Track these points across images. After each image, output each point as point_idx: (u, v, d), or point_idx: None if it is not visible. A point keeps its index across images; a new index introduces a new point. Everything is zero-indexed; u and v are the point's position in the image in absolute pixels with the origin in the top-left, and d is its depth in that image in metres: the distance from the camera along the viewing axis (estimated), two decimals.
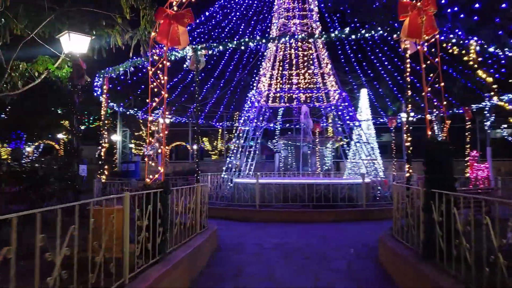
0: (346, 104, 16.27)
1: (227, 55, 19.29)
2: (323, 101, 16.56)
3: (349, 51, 21.44)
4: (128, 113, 21.11)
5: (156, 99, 5.97)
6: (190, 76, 19.48)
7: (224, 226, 11.10)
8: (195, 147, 49.30)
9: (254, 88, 15.78)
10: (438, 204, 4.89)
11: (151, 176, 5.79)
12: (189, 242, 6.68)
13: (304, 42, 16.59)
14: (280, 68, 16.63)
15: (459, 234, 4.38)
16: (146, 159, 5.97)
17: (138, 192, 5.33)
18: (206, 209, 8.51)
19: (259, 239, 9.10)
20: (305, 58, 16.89)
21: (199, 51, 8.68)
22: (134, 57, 10.58)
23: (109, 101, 15.80)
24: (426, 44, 5.83)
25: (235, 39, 11.22)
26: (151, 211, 5.31)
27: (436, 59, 5.59)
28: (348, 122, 16.49)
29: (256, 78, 16.04)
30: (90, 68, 13.21)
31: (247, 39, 8.53)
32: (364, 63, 24.11)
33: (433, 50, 6.04)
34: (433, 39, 5.72)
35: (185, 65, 9.91)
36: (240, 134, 15.07)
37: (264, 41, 8.22)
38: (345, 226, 10.84)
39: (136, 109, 22.37)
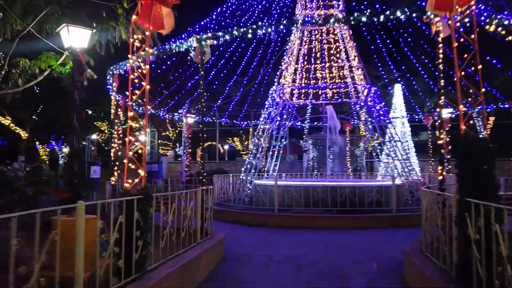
0: (376, 99, 15.01)
1: (249, 50, 18.52)
2: (351, 97, 15.39)
3: (380, 44, 20.08)
4: (149, 112, 20.75)
5: (137, 91, 5.22)
6: (212, 74, 18.95)
7: (239, 231, 10.31)
8: (226, 147, 49.02)
9: (275, 83, 14.85)
10: (475, 218, 3.83)
11: (130, 181, 5.04)
12: (183, 255, 5.89)
13: (329, 34, 15.49)
14: (305, 61, 15.58)
15: (503, 259, 3.32)
16: (125, 160, 5.22)
17: (114, 199, 4.59)
18: (210, 215, 7.71)
19: (271, 249, 8.21)
20: (331, 51, 15.77)
21: (204, 41, 7.91)
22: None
23: (126, 100, 15.36)
24: (458, 18, 4.73)
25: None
26: (127, 222, 4.58)
27: (472, 36, 4.49)
28: (379, 119, 15.22)
29: (277, 73, 15.07)
30: (100, 64, 12.78)
31: (254, 26, 7.68)
32: (397, 57, 22.59)
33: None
34: (467, 11, 4.63)
35: (189, 57, 9.15)
36: (260, 133, 14.20)
37: (273, 28, 7.31)
38: (371, 234, 9.73)
39: (162, 109, 21.99)
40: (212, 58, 18.27)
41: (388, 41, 21.19)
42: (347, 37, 15.49)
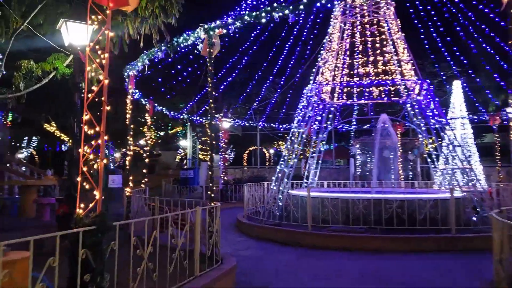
0: (429, 97, 12.93)
1: (286, 48, 17.09)
2: (401, 95, 13.44)
3: (435, 36, 17.84)
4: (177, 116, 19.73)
5: (94, 88, 4.03)
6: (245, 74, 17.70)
7: (264, 252, 8.90)
8: (272, 151, 47.75)
9: (311, 82, 13.25)
10: None
11: (82, 205, 3.82)
12: None
13: (374, 25, 13.67)
14: (347, 56, 13.86)
15: None
16: (79, 178, 4.01)
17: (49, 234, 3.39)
18: (216, 240, 6.36)
19: (294, 279, 6.73)
20: (376, 44, 13.92)
21: (212, 31, 6.66)
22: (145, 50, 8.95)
23: (156, 104, 14.53)
24: None
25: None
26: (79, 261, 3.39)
27: None
28: (433, 120, 13.13)
29: (314, 69, 13.47)
30: (116, 67, 11.89)
31: (269, 8, 6.32)
32: (456, 50, 20.11)
33: None
34: None
35: (196, 51, 7.94)
36: (293, 138, 12.69)
37: (292, 8, 5.94)
38: (424, 261, 7.90)
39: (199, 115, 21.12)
40: (246, 57, 17.09)
41: (444, 32, 18.87)
42: (394, 27, 13.57)
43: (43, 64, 8.27)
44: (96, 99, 4.21)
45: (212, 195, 6.98)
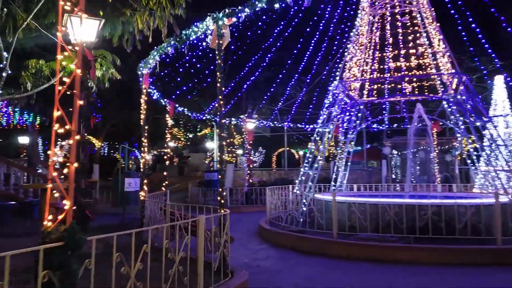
0: (468, 92, 11.75)
1: (312, 44, 16.25)
2: (437, 91, 12.35)
3: (474, 26, 16.47)
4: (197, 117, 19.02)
5: (60, 88, 3.47)
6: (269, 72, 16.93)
7: (284, 263, 8.18)
8: (301, 152, 46.72)
9: (337, 78, 12.36)
10: None
11: (50, 217, 3.26)
12: None
13: (406, 15, 12.65)
14: (376, 50, 12.90)
15: None
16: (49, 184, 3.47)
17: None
18: (224, 251, 5.71)
19: None
20: (409, 37, 12.90)
21: (221, 20, 6.04)
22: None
23: (177, 105, 14.11)
24: None
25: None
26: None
27: None
28: (473, 117, 11.95)
29: (340, 65, 12.58)
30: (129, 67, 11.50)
31: None
32: (498, 42, 18.60)
33: None
34: None
35: (205, 43, 7.34)
36: (317, 138, 11.86)
37: None
38: (466, 279, 6.94)
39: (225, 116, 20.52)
40: (269, 55, 16.39)
41: (483, 21, 17.44)
42: (428, 17, 12.50)
43: (52, 64, 7.93)
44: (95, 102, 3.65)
45: (222, 201, 6.35)
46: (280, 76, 17.59)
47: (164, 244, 4.33)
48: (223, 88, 6.74)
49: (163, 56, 8.30)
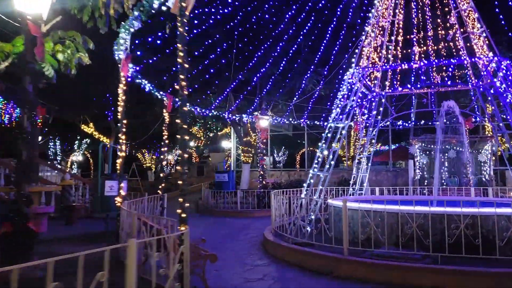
0: (504, 80, 9.92)
1: (328, 33, 14.68)
2: (470, 81, 10.62)
3: None
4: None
5: None
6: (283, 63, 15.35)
7: (281, 286, 6.78)
8: (325, 152, 44.74)
9: (353, 66, 10.76)
10: None
11: None
12: None
13: None
14: (398, 34, 11.26)
15: None
16: None
17: None
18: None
19: None
20: (438, 20, 11.20)
21: None
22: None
23: (177, 99, 12.83)
24: None
25: None
26: None
27: None
28: None
29: (357, 50, 10.97)
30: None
31: None
32: None
33: None
34: None
35: (166, 8, 6.02)
36: (329, 135, 10.34)
37: None
38: None
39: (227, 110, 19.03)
40: (281, 43, 14.87)
41: None
42: None
43: (3, 46, 6.81)
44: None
45: (183, 214, 4.99)
46: (296, 66, 16.06)
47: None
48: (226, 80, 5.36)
49: (143, 40, 7.07)
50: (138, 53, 10.03)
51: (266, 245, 9.48)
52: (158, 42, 10.94)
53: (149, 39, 10.63)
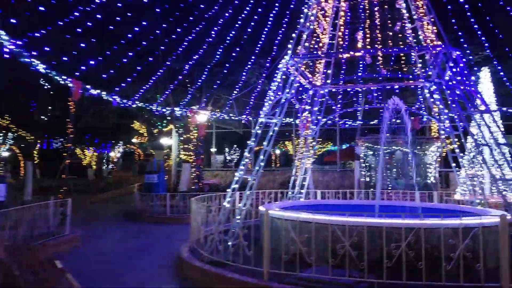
0: (460, 72, 8.91)
1: (270, 20, 13.26)
2: (415, 73, 9.60)
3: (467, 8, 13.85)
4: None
5: None
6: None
7: None
8: (278, 151, 43.76)
9: (289, 53, 9.32)
10: None
11: None
12: None
13: None
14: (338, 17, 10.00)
15: None
16: None
17: None
18: None
19: None
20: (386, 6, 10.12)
21: None
22: None
23: (89, 87, 10.85)
24: None
25: None
26: None
27: None
28: (464, 105, 9.21)
29: (294, 35, 9.55)
30: None
31: None
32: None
33: None
34: None
35: None
36: (259, 131, 8.88)
37: None
38: None
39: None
40: (213, 31, 13.26)
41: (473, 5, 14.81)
42: None
43: None
44: None
45: None
46: (233, 55, 14.40)
47: None
48: None
49: None
50: (13, 21, 7.97)
51: (180, 264, 7.85)
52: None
53: None
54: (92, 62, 10.28)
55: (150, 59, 12.67)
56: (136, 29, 10.92)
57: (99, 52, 10.90)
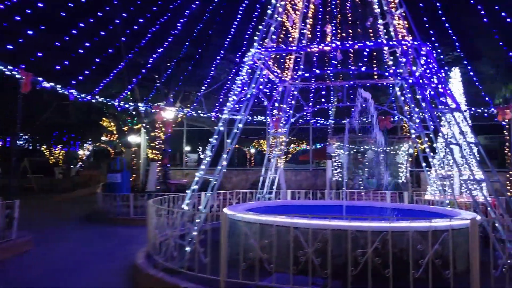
0: (431, 68, 8.66)
1: (239, 13, 12.74)
2: (387, 69, 9.32)
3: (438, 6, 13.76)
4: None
5: None
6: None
7: None
8: (252, 150, 43.30)
9: (255, 45, 8.83)
10: None
11: None
12: None
13: None
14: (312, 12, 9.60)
15: None
16: None
17: None
18: None
19: None
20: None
21: None
22: None
23: (40, 79, 10.05)
24: None
25: None
26: None
27: None
28: (435, 104, 8.99)
29: (261, 27, 9.08)
30: None
31: None
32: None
33: None
34: None
35: None
36: (222, 128, 8.37)
37: None
38: None
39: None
40: (182, 20, 12.56)
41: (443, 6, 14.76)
42: None
43: None
44: None
45: None
46: (200, 51, 13.82)
47: None
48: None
49: None
50: None
51: (134, 272, 7.23)
52: None
53: None
54: (40, 54, 9.45)
55: (110, 51, 11.90)
56: (91, 20, 10.15)
57: (51, 42, 10.08)
